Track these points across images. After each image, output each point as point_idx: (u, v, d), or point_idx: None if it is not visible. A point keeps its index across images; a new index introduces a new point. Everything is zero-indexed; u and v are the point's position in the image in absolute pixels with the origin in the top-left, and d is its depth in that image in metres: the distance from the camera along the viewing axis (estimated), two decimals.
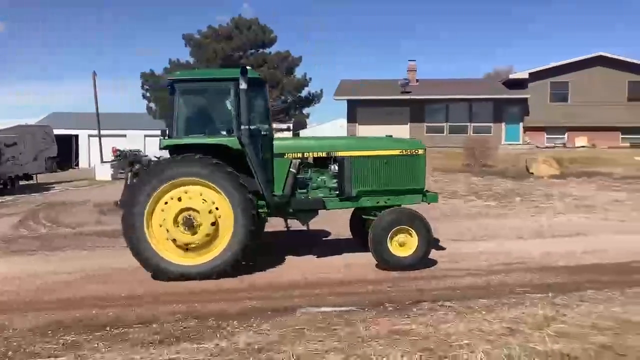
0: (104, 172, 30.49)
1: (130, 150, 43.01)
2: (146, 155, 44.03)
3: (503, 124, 36.20)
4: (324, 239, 12.12)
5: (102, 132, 38.86)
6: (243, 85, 8.68)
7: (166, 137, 9.23)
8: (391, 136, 10.60)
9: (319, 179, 9.75)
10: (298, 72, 39.24)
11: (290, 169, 9.35)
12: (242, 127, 8.75)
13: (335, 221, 12.06)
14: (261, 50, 33.92)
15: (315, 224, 10.16)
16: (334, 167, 9.65)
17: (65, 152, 48.67)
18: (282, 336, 5.72)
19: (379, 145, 10.08)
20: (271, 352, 5.28)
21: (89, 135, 47.55)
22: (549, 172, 24.65)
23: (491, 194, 19.12)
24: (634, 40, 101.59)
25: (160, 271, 8.61)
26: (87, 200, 20.08)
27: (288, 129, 36.30)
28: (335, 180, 9.67)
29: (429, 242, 9.15)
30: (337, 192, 9.62)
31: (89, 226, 14.39)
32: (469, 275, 8.66)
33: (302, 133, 42.84)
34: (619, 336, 5.42)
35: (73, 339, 5.94)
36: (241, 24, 32.31)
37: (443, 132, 35.94)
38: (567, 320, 5.96)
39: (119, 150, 42.82)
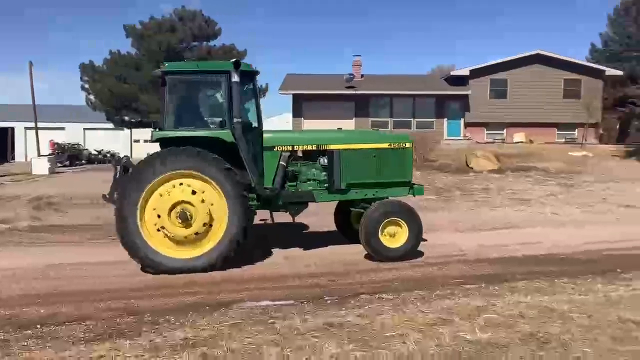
0: (41, 166, 29.45)
1: (70, 144, 41.85)
2: (86, 149, 43.06)
3: (445, 120, 36.91)
4: (303, 231, 12.24)
5: (40, 124, 37.51)
6: (235, 78, 8.75)
7: (157, 130, 9.09)
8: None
9: (308, 172, 9.81)
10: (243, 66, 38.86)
11: (280, 162, 9.42)
12: (235, 120, 8.76)
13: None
14: (205, 43, 33.46)
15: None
16: (323, 160, 9.75)
17: (0, 146, 46.90)
18: (219, 331, 5.70)
19: (368, 138, 10.33)
20: (206, 347, 5.24)
21: (26, 128, 46.00)
22: (488, 166, 25.37)
23: (432, 188, 19.49)
24: (570, 39, 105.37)
25: (151, 264, 8.53)
26: (23, 194, 19.40)
27: None
28: (324, 173, 9.77)
29: (419, 233, 9.39)
30: (327, 185, 9.71)
31: (23, 222, 13.89)
32: (407, 267, 8.83)
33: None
34: (544, 324, 5.63)
35: (2, 337, 5.74)
36: (185, 16, 31.76)
37: (387, 127, 36.33)
38: (497, 310, 6.15)
39: (56, 143, 41.56)
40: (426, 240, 10.26)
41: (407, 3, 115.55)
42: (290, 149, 9.64)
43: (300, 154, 9.85)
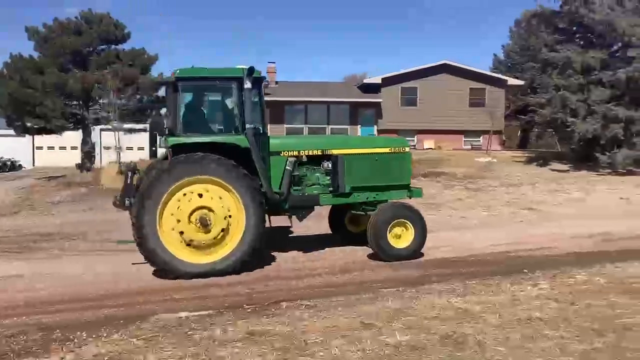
0: None
1: None
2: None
3: (359, 127, 37.54)
4: None
5: None
6: (248, 85, 8.86)
7: (169, 135, 9.04)
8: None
9: (312, 177, 10.02)
10: (154, 71, 37.89)
11: (287, 167, 9.59)
12: (247, 126, 8.89)
13: None
14: (114, 46, 32.27)
15: None
16: (327, 165, 9.96)
17: None
18: (134, 345, 5.47)
19: (370, 143, 10.92)
20: None
21: None
22: None
23: None
24: (475, 50, 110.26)
25: (170, 269, 8.53)
26: None
27: (144, 130, 34.77)
28: (328, 178, 10.00)
29: (424, 234, 9.79)
30: (331, 188, 9.93)
31: None
32: (328, 273, 8.89)
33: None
34: (459, 325, 5.81)
35: None
36: (92, 19, 30.49)
37: (302, 134, 36.56)
38: (415, 313, 6.28)
39: None
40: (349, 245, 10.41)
41: (320, 12, 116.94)
42: (296, 154, 9.82)
43: (304, 158, 9.98)
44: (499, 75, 39.32)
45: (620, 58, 25.61)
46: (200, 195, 8.58)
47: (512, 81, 37.91)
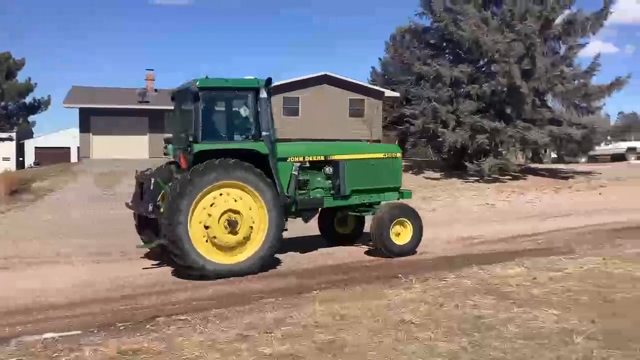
0: None
1: None
2: None
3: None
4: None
5: None
6: (264, 94, 9.57)
7: (192, 142, 9.27)
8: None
9: (315, 181, 10.71)
10: (21, 77, 35.58)
11: (293, 172, 10.19)
12: (264, 133, 9.58)
13: None
14: None
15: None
16: (329, 169, 10.77)
17: None
18: None
19: (367, 149, 12.06)
20: None
21: None
22: None
23: None
24: (355, 62, 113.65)
25: (199, 269, 8.91)
26: None
27: (10, 139, 32.43)
28: (329, 181, 10.78)
29: (421, 232, 10.83)
30: (332, 191, 10.70)
31: None
32: (204, 286, 8.72)
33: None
34: (338, 331, 5.91)
35: None
36: None
37: None
38: (295, 321, 6.31)
39: None
40: None
41: (199, 19, 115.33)
42: (301, 159, 10.46)
43: (307, 164, 10.55)
44: (377, 87, 40.79)
45: (485, 73, 27.43)
46: (229, 199, 9.13)
47: (388, 93, 39.45)
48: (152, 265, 10.19)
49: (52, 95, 79.30)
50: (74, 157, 35.39)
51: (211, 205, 9.04)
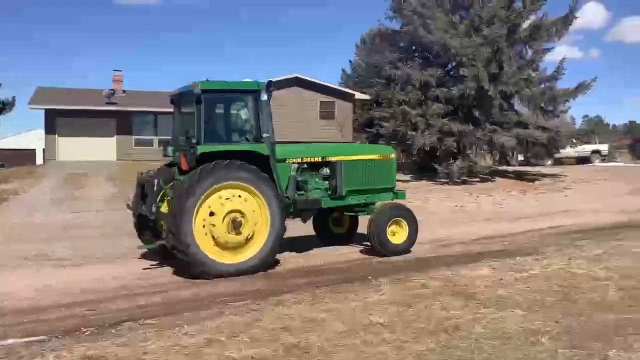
0: None
1: None
2: None
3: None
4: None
5: None
6: (264, 97, 9.72)
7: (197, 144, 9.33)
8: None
9: (313, 181, 10.89)
10: None
11: (291, 173, 10.41)
12: (264, 135, 9.74)
13: None
14: None
15: None
16: (326, 170, 10.97)
17: None
18: None
19: (362, 150, 12.33)
20: None
21: None
22: None
23: None
24: (326, 65, 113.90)
25: (204, 269, 9.05)
26: None
27: None
28: (326, 182, 10.98)
29: (416, 231, 11.13)
30: (329, 192, 10.89)
31: None
32: (174, 289, 8.63)
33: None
34: (305, 334, 5.89)
35: None
36: None
37: (152, 145, 35.35)
38: (262, 325, 6.27)
39: None
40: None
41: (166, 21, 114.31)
42: (300, 160, 10.68)
43: (305, 165, 10.77)
44: (347, 90, 40.91)
45: (454, 76, 27.75)
46: (233, 199, 9.27)
47: (359, 95, 39.59)
48: (120, 269, 10.03)
49: (17, 96, 77.95)
50: (39, 159, 34.71)
51: (215, 205, 9.17)
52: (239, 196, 9.35)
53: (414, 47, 29.37)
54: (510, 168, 32.29)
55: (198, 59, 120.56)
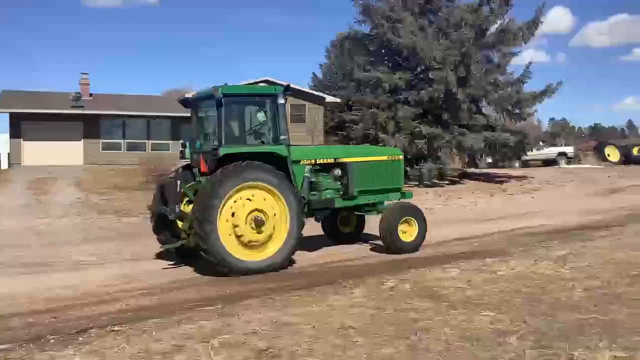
0: None
1: None
2: None
3: (180, 141, 36.67)
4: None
5: None
6: (282, 100, 10.17)
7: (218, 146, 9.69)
8: None
9: (325, 182, 11.27)
10: None
11: (305, 174, 10.80)
12: (282, 137, 10.16)
13: None
14: None
15: None
16: (337, 171, 11.34)
17: None
18: None
19: (372, 152, 12.67)
20: None
21: None
22: None
23: None
24: (296, 68, 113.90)
25: (228, 266, 9.37)
26: None
27: None
28: (338, 183, 11.33)
29: (425, 230, 11.55)
30: (341, 192, 11.27)
31: None
32: (140, 295, 8.53)
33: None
34: (276, 339, 5.85)
35: None
36: None
37: (120, 149, 34.89)
38: (232, 330, 6.21)
39: None
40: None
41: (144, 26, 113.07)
42: (313, 162, 11.10)
43: (318, 166, 11.18)
44: (318, 93, 40.97)
45: (423, 79, 27.96)
46: (255, 199, 9.59)
47: (329, 99, 39.73)
48: (88, 275, 9.86)
49: None
50: (4, 164, 33.95)
51: (237, 205, 9.48)
52: (260, 196, 9.66)
53: (383, 51, 29.51)
54: (479, 170, 32.70)
55: (164, 60, 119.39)
